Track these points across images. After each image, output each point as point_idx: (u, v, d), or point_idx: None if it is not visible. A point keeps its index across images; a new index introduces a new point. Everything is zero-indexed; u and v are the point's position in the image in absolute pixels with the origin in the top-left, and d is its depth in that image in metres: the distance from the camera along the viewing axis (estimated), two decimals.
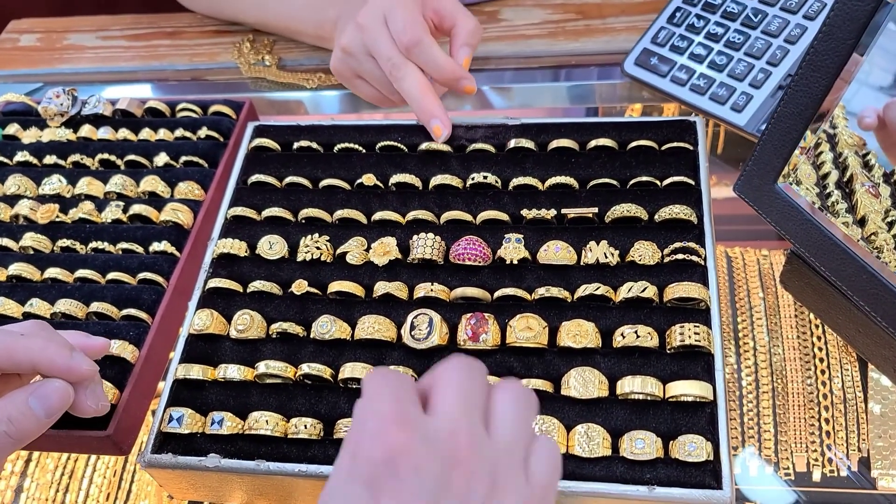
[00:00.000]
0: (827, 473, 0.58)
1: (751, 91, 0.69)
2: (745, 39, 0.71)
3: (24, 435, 0.46)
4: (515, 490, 0.36)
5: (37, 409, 0.46)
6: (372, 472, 0.33)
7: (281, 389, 0.56)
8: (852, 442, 0.59)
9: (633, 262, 0.58)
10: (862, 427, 0.60)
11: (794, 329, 0.65)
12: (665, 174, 0.63)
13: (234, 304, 0.61)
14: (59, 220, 0.72)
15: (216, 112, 0.79)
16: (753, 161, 0.57)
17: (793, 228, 0.57)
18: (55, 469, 0.65)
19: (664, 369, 0.53)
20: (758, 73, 0.69)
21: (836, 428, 0.60)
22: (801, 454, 0.59)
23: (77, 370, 0.47)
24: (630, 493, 0.48)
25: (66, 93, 0.80)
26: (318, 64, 0.89)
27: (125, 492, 0.63)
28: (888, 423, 0.60)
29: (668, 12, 0.77)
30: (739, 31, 0.72)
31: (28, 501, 0.63)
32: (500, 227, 0.62)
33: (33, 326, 0.49)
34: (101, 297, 0.65)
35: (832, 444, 0.59)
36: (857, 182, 0.60)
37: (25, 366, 0.47)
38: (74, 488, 0.64)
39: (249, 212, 0.66)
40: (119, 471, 0.64)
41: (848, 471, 0.58)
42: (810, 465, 0.58)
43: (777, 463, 0.59)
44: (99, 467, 0.64)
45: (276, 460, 0.52)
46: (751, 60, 0.70)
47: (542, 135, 0.67)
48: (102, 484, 0.64)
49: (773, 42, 0.70)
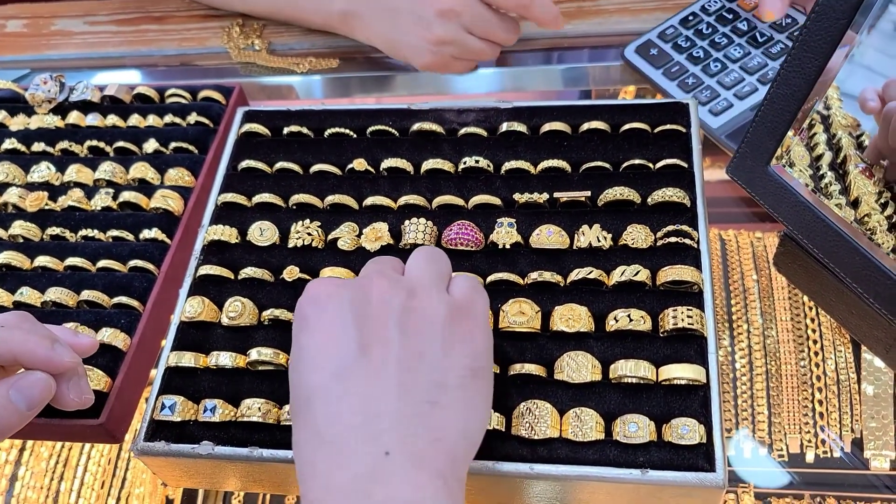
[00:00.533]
0: (820, 454, 0.58)
1: (733, 100, 0.72)
2: (744, 54, 0.75)
3: (6, 427, 0.46)
4: (431, 298, 0.44)
5: (17, 402, 0.46)
6: (301, 314, 0.44)
7: (273, 376, 0.56)
8: (845, 423, 0.59)
9: (626, 245, 0.58)
10: (855, 408, 0.60)
11: (788, 311, 0.65)
12: (658, 157, 0.62)
13: (226, 291, 0.60)
14: (48, 207, 0.71)
15: (206, 98, 0.79)
16: (746, 143, 0.57)
17: (785, 210, 0.57)
18: (49, 457, 0.65)
19: (657, 353, 0.53)
20: (745, 86, 0.73)
21: (830, 409, 0.60)
22: (794, 436, 0.60)
23: (58, 362, 0.47)
24: (623, 476, 0.48)
25: (54, 79, 0.80)
26: (309, 48, 0.89)
27: (120, 479, 0.63)
28: (881, 405, 0.60)
29: (683, 14, 0.80)
30: (742, 46, 0.75)
31: (23, 490, 0.63)
32: (492, 211, 0.62)
33: (14, 318, 0.48)
34: (91, 285, 0.65)
35: (825, 426, 0.60)
36: (851, 163, 0.60)
37: (6, 357, 0.47)
38: (69, 476, 0.64)
39: (240, 198, 0.66)
40: (114, 459, 0.64)
41: (841, 452, 0.58)
42: (804, 447, 0.59)
43: (771, 444, 0.59)
44: (93, 455, 0.64)
45: (269, 447, 0.52)
46: (743, 74, 0.74)
47: (534, 118, 0.66)
48: (97, 472, 0.64)
49: (770, 63, 0.73)
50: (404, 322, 0.43)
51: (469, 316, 0.45)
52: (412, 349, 0.42)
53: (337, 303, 0.43)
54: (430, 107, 0.68)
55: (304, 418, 0.42)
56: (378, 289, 0.44)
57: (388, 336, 0.42)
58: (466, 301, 0.45)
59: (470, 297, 0.46)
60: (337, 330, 0.42)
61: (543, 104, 0.67)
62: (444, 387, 0.42)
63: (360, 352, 0.41)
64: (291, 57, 0.88)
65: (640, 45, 0.79)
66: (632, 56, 0.78)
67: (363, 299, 0.43)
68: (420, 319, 0.43)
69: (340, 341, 0.42)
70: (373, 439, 0.39)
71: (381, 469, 0.38)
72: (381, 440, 0.39)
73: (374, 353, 0.41)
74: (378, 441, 0.39)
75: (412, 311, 0.43)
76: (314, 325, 0.43)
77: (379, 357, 0.41)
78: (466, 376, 0.43)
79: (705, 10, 0.79)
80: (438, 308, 0.44)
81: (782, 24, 0.76)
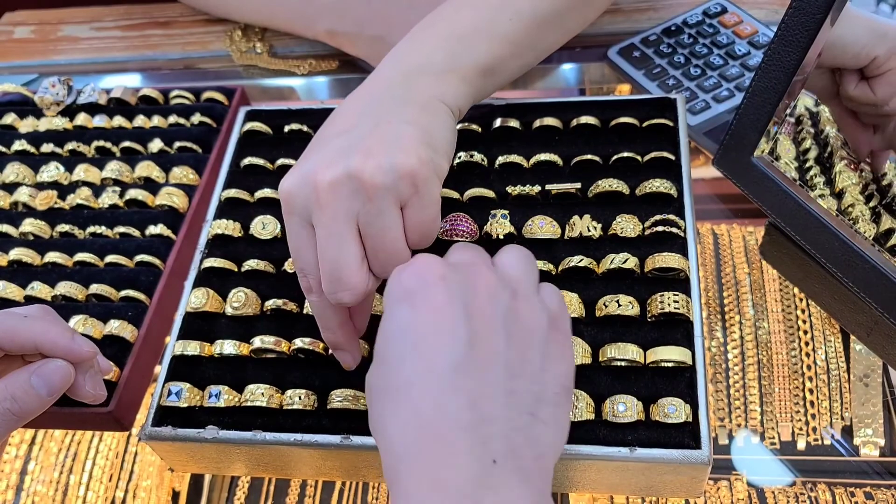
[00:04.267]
0: (811, 442, 0.59)
1: (711, 102, 0.75)
2: (723, 64, 0.78)
3: (27, 412, 0.48)
4: (533, 304, 0.41)
5: (39, 388, 0.48)
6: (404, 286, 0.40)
7: (276, 363, 0.58)
8: (836, 411, 0.61)
9: (616, 234, 0.60)
10: (845, 397, 0.61)
11: (779, 303, 0.67)
12: (646, 150, 0.64)
13: (229, 283, 0.62)
14: (57, 206, 0.73)
15: (209, 99, 0.81)
16: (730, 135, 0.59)
17: (769, 200, 0.59)
18: (59, 451, 0.66)
19: (645, 336, 0.55)
20: (724, 90, 0.76)
21: (820, 398, 0.61)
22: (786, 424, 0.61)
23: (78, 351, 0.49)
24: (612, 454, 0.50)
25: (62, 82, 0.82)
26: (309, 51, 0.91)
27: (128, 472, 0.65)
28: (870, 393, 0.61)
29: (665, 25, 0.83)
30: (722, 57, 0.79)
31: (32, 483, 0.65)
32: (486, 203, 0.64)
33: (37, 310, 0.51)
34: (99, 279, 0.67)
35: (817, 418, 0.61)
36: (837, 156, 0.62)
37: (28, 347, 0.49)
38: (78, 469, 0.65)
39: (243, 194, 0.68)
40: (121, 452, 0.66)
41: (832, 439, 0.59)
42: (795, 435, 0.60)
43: (763, 433, 0.60)
44: (101, 449, 0.66)
45: (272, 431, 0.54)
46: (721, 80, 0.77)
47: (526, 114, 0.68)
48: (105, 465, 0.65)
49: (747, 74, 0.77)
50: (510, 324, 0.40)
51: (561, 331, 0.42)
52: (517, 355, 0.39)
53: (447, 286, 0.39)
54: None
55: (403, 399, 0.38)
56: (485, 282, 0.40)
57: (495, 336, 0.39)
58: (560, 314, 0.43)
59: (562, 310, 0.43)
60: (448, 316, 0.38)
61: (536, 101, 0.69)
62: (542, 401, 0.39)
63: (469, 346, 0.38)
64: (292, 59, 0.90)
65: (623, 47, 0.82)
66: (615, 57, 0.81)
67: (471, 290, 0.40)
68: (524, 325, 0.40)
69: (453, 330, 0.38)
70: (482, 444, 0.36)
71: (490, 477, 0.35)
72: (490, 447, 0.36)
73: (481, 351, 0.38)
74: (487, 447, 0.36)
75: (517, 313, 0.40)
76: (421, 302, 0.39)
77: (486, 357, 0.38)
78: (560, 393, 0.40)
79: (686, 23, 0.83)
80: (541, 316, 0.41)
81: (760, 40, 0.80)
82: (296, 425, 0.55)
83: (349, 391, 0.54)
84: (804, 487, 0.57)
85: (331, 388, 0.55)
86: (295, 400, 0.55)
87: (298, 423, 0.55)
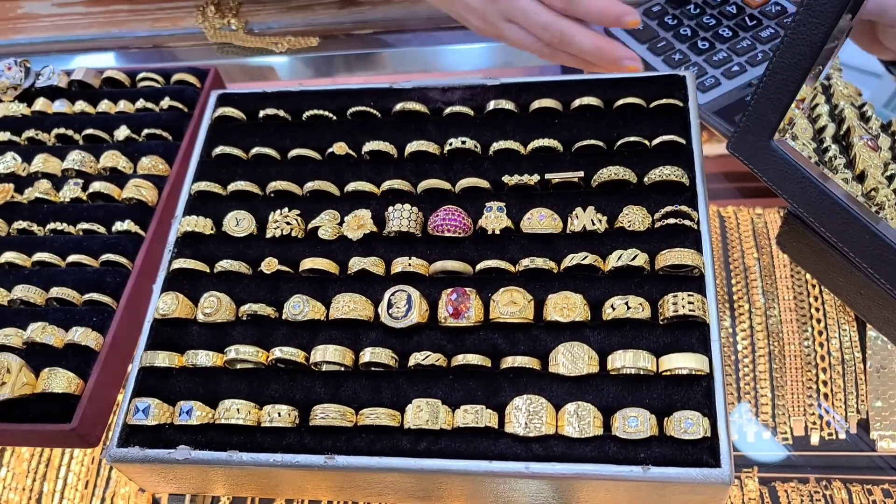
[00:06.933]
0: (825, 436, 0.57)
1: (721, 79, 0.70)
2: (732, 36, 0.74)
3: None
4: None
5: None
6: None
7: (253, 375, 0.53)
8: (851, 404, 0.58)
9: (623, 228, 0.55)
10: (861, 388, 0.58)
11: (791, 290, 0.63)
12: (654, 133, 0.59)
13: (201, 286, 0.57)
14: (13, 200, 0.68)
15: (179, 81, 0.75)
16: (748, 117, 0.54)
17: (790, 187, 0.54)
18: (31, 457, 0.62)
19: (657, 342, 0.50)
20: (734, 65, 0.71)
21: (835, 390, 0.58)
22: (798, 418, 0.58)
23: None
24: (624, 473, 0.46)
25: (19, 65, 0.76)
26: (287, 27, 0.85)
27: (104, 479, 0.61)
28: (887, 384, 0.58)
29: None
30: (731, 28, 0.74)
31: (4, 492, 0.61)
32: (480, 194, 0.59)
33: None
34: (61, 281, 0.62)
35: (829, 408, 0.58)
36: (855, 135, 0.58)
37: None
38: (52, 476, 0.61)
39: (214, 186, 0.62)
40: (97, 458, 0.62)
41: (846, 433, 0.56)
42: (808, 429, 0.57)
43: (775, 427, 0.57)
44: (77, 454, 0.62)
45: (249, 450, 0.50)
46: (731, 54, 0.72)
47: (522, 95, 0.63)
48: (80, 472, 0.61)
49: (759, 47, 0.72)
50: None
51: None
52: None
53: None
54: (413, 85, 0.65)
55: None
56: None
57: None
58: None
59: None
60: None
61: (532, 80, 0.64)
62: None
63: None
64: (269, 36, 0.84)
65: None
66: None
67: None
68: None
69: None
70: None
71: None
72: None
73: None
74: None
75: None
76: None
77: None
78: None
79: None
80: None
81: (772, 10, 0.74)
82: (275, 444, 0.50)
83: (333, 407, 0.49)
84: (818, 484, 0.54)
85: (313, 403, 0.51)
86: (274, 416, 0.50)
87: (278, 441, 0.50)
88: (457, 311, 0.52)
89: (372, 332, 0.54)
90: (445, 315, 0.52)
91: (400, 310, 0.52)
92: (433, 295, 0.54)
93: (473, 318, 0.52)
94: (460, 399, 0.50)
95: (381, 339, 0.53)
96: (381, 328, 0.54)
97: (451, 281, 0.55)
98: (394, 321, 0.53)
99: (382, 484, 0.50)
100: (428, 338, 0.53)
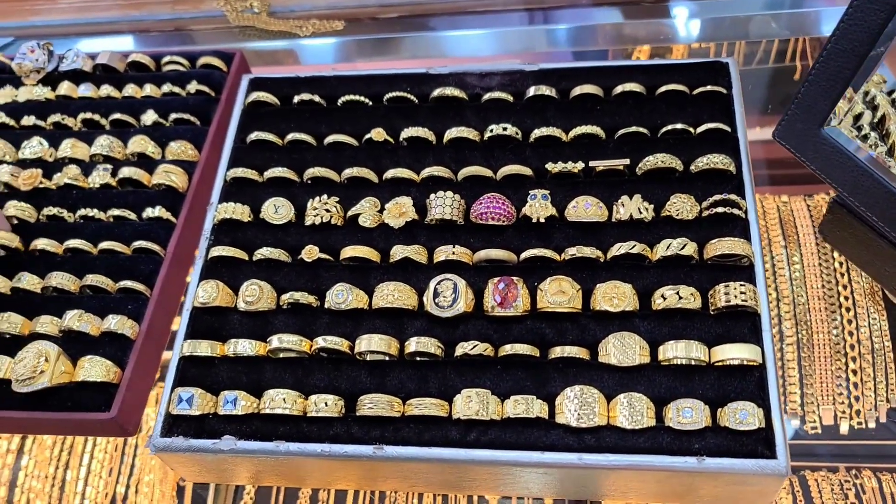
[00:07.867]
0: (855, 426, 0.56)
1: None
2: None
3: None
4: None
5: None
6: None
7: (296, 364, 0.52)
8: (881, 392, 0.57)
9: (670, 216, 0.54)
10: (891, 377, 0.57)
11: (819, 278, 0.62)
12: (697, 120, 0.58)
13: (240, 274, 0.56)
14: (42, 186, 0.67)
15: (205, 65, 0.74)
16: (797, 105, 0.53)
17: (839, 175, 0.53)
18: (53, 445, 0.61)
19: (708, 332, 0.50)
20: None
21: (864, 379, 0.58)
22: (828, 407, 0.57)
23: None
24: (678, 465, 0.45)
25: (42, 47, 0.74)
26: (311, 10, 0.83)
27: (128, 466, 0.60)
28: None
29: None
30: None
31: (27, 479, 0.60)
32: (523, 182, 0.58)
33: None
34: (94, 268, 0.61)
35: (861, 400, 0.57)
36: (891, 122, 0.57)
37: None
38: (75, 464, 0.60)
39: (250, 173, 0.61)
40: (121, 445, 0.61)
41: (876, 422, 0.56)
42: (837, 418, 0.56)
43: (803, 416, 0.57)
44: (99, 442, 0.61)
45: (295, 440, 0.49)
46: None
47: (562, 81, 0.62)
48: (104, 459, 0.61)
49: None
50: None
51: None
52: None
53: None
54: (450, 71, 0.64)
55: None
56: None
57: None
58: None
59: None
60: None
61: (572, 65, 0.63)
62: None
63: None
64: (293, 19, 0.82)
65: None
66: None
67: None
68: None
69: None
70: None
71: None
72: None
73: None
74: None
75: None
76: None
77: None
78: None
79: None
80: None
81: None
82: (322, 434, 0.49)
83: (382, 397, 0.49)
84: (848, 474, 0.54)
85: (359, 392, 0.50)
86: (321, 406, 0.49)
87: (325, 431, 0.49)
88: (505, 301, 0.51)
89: (416, 322, 0.53)
90: (493, 304, 0.52)
91: (446, 299, 0.52)
92: (477, 284, 0.53)
93: (521, 308, 0.51)
94: (508, 389, 0.49)
95: (425, 328, 0.52)
96: (425, 317, 0.53)
97: (495, 270, 0.54)
98: (440, 310, 0.52)
99: (416, 474, 0.50)
100: (474, 327, 0.52)
